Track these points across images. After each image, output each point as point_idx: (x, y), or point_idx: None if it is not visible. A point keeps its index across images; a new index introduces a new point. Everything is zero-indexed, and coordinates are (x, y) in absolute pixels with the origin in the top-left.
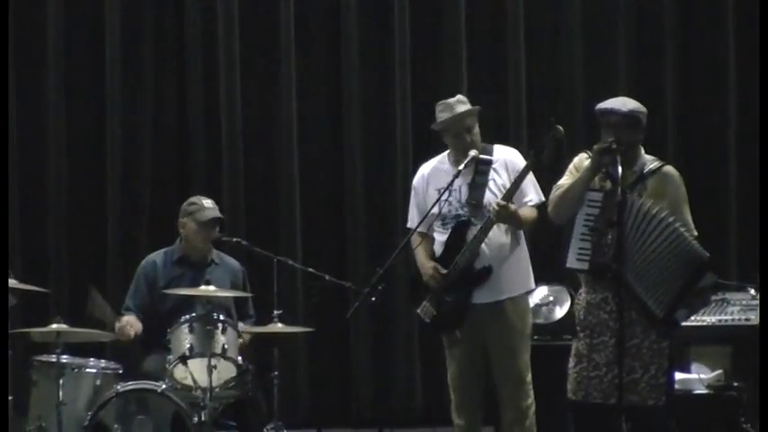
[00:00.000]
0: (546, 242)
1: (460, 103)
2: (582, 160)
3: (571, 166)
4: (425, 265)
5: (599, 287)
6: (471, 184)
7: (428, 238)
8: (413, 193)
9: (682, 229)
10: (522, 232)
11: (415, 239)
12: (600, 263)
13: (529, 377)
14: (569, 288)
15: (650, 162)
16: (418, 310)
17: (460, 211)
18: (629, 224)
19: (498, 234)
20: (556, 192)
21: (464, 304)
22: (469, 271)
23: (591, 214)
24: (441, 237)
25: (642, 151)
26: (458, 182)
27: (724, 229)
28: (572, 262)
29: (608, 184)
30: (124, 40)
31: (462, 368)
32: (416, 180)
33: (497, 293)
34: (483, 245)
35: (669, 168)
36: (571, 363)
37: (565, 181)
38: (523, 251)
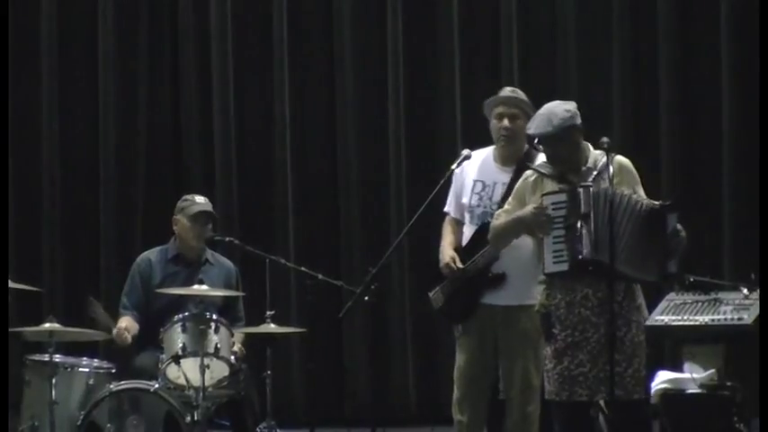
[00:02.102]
0: None
1: (512, 91)
2: (526, 182)
3: (514, 192)
4: (445, 252)
5: (578, 285)
6: (508, 185)
7: (459, 225)
8: (453, 179)
9: (634, 197)
10: None
11: (449, 226)
12: (580, 259)
13: (536, 382)
14: None
15: (601, 156)
16: (430, 294)
17: (488, 209)
18: (600, 215)
19: (519, 241)
20: (496, 221)
21: (471, 303)
22: (485, 273)
23: (559, 216)
24: (467, 230)
25: (590, 147)
26: (495, 178)
27: (718, 229)
28: (550, 267)
29: (565, 186)
30: (118, 40)
31: (466, 364)
32: (459, 168)
33: (511, 298)
34: (504, 250)
35: (620, 158)
36: (549, 365)
37: (506, 209)
38: None
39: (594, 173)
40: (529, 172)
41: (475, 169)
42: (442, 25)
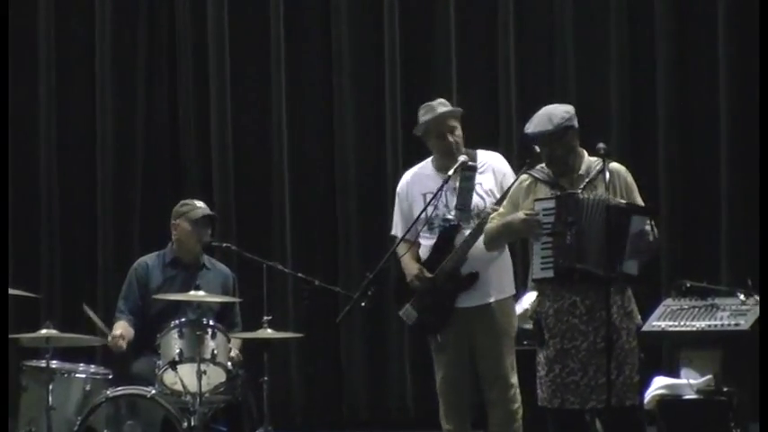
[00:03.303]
0: None
1: (442, 105)
2: (521, 186)
3: (509, 195)
4: (411, 267)
5: (566, 293)
6: (457, 189)
7: (414, 244)
8: (396, 200)
9: (602, 200)
10: None
11: (401, 247)
12: (564, 266)
13: (514, 379)
14: None
15: (595, 163)
16: (400, 313)
17: (449, 216)
18: (586, 223)
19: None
20: (490, 224)
21: (447, 309)
22: (456, 276)
23: (547, 222)
24: (427, 241)
25: (585, 154)
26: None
27: (714, 235)
28: (537, 273)
29: (557, 192)
30: (116, 42)
31: (450, 374)
32: (400, 187)
33: (484, 297)
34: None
35: (614, 164)
36: (541, 371)
37: (501, 212)
38: (507, 256)
39: (586, 180)
40: (524, 176)
41: (419, 184)
42: (439, 26)
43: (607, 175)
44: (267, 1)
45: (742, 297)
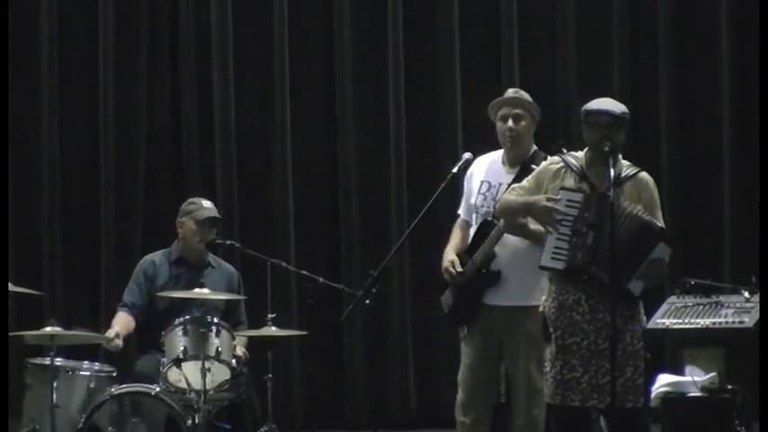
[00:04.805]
0: None
1: (516, 92)
2: (549, 168)
3: (536, 172)
4: (446, 257)
5: (572, 288)
6: (510, 185)
7: (470, 227)
8: (465, 181)
9: (638, 212)
10: None
11: (456, 226)
12: (577, 265)
13: (541, 385)
14: None
15: (626, 167)
16: (441, 298)
17: (491, 209)
18: (607, 227)
19: (516, 240)
20: (509, 194)
21: (474, 303)
22: (482, 271)
23: (569, 215)
24: (472, 230)
25: (620, 156)
26: (500, 179)
27: (718, 233)
28: (547, 261)
29: (585, 186)
30: (118, 42)
31: (471, 365)
32: (469, 170)
33: (510, 299)
34: (500, 248)
35: (644, 174)
36: (547, 366)
37: (523, 185)
38: None
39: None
40: (555, 158)
41: (483, 170)
42: (442, 26)
43: (612, 173)
44: (271, 1)
45: (746, 294)
